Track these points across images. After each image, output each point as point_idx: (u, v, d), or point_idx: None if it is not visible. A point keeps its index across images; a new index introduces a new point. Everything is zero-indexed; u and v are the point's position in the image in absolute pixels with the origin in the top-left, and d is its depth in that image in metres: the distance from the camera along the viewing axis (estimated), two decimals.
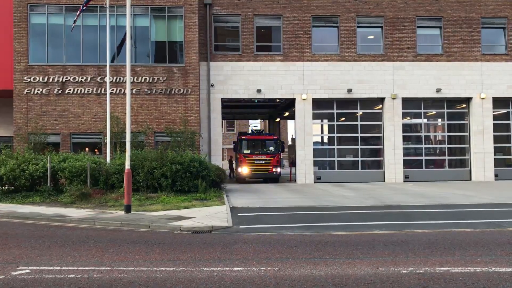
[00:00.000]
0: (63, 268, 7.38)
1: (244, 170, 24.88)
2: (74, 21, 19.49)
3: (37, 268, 7.36)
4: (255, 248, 8.94)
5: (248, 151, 25.31)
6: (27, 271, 7.16)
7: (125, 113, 15.64)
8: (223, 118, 30.87)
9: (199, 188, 17.81)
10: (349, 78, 24.93)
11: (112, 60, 21.73)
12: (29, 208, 15.03)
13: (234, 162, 30.17)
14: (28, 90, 22.18)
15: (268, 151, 25.51)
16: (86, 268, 7.36)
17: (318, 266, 7.43)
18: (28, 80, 22.21)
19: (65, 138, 22.36)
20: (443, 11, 25.57)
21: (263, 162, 24.90)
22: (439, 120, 27.25)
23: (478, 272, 7.04)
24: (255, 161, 24.87)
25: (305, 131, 24.78)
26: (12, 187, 18.23)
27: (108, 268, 7.34)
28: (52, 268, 7.38)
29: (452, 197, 17.80)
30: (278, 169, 25.42)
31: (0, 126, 25.01)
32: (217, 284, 6.40)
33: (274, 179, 25.24)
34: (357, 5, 25.21)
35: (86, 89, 22.44)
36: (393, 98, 25.14)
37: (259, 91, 24.50)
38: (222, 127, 29.30)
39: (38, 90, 22.23)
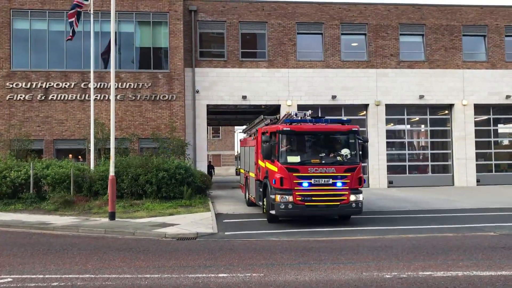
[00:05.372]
0: (46, 276, 7.30)
1: (288, 197, 12.20)
2: (73, 31, 18.70)
3: (20, 276, 7.27)
4: (240, 255, 8.95)
5: (297, 159, 12.60)
6: (9, 279, 7.06)
7: (110, 119, 15.54)
8: (208, 124, 30.86)
9: (185, 194, 17.73)
10: (334, 84, 25.13)
11: (96, 66, 21.57)
12: (11, 215, 14.81)
13: (247, 178, 17.34)
14: (10, 96, 21.90)
15: (339, 157, 12.92)
16: (70, 276, 7.29)
17: (303, 271, 7.48)
18: (11, 86, 21.92)
19: (48, 144, 22.09)
20: (425, 19, 25.98)
21: (330, 181, 12.39)
22: (422, 126, 27.58)
23: (460, 276, 7.15)
24: (313, 181, 12.32)
25: None
26: None
27: (92, 276, 7.29)
28: (35, 276, 7.29)
29: (435, 202, 18.02)
30: (360, 196, 12.72)
31: None
32: None
33: (349, 216, 13.43)
34: (341, 12, 25.47)
35: (70, 95, 22.23)
36: (377, 105, 25.40)
37: (244, 97, 24.54)
38: (207, 133, 29.20)
39: (21, 96, 21.96)
